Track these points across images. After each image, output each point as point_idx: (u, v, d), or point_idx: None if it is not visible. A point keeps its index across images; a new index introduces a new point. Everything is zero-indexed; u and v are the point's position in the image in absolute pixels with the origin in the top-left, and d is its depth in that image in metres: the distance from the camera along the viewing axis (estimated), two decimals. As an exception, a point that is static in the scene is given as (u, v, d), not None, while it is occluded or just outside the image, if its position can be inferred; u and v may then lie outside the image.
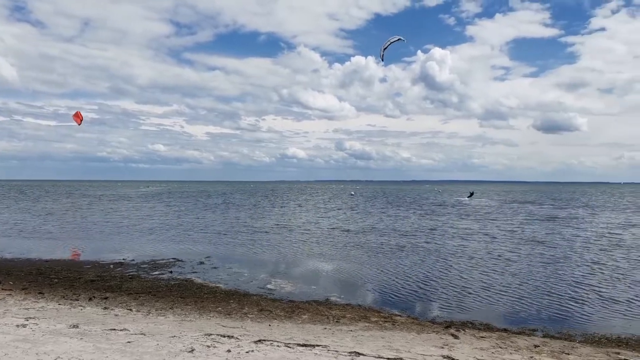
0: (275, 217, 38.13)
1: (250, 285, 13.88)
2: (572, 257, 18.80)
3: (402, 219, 36.02)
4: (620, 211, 46.26)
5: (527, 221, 34.68)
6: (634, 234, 26.44)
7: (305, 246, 21.73)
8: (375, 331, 9.27)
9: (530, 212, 44.92)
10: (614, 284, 14.12)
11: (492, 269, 16.34)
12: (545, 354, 7.96)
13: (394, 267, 16.77)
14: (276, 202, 61.85)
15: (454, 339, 8.85)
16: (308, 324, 9.83)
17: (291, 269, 16.62)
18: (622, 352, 8.36)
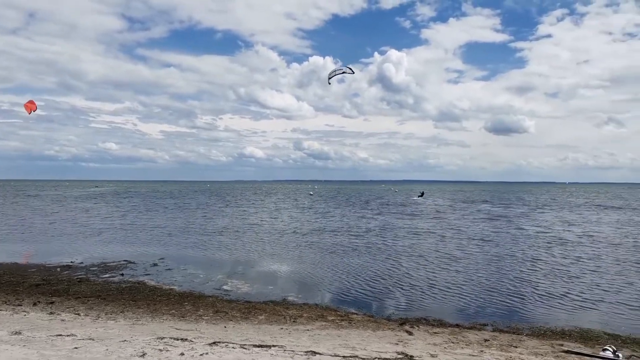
0: (232, 217, 37.64)
1: (206, 287, 13.63)
2: (518, 254, 19.60)
3: (358, 219, 36.41)
4: (562, 210, 48.65)
5: (476, 220, 35.88)
6: (572, 232, 27.86)
7: (262, 246, 21.57)
8: (332, 330, 9.32)
9: (479, 211, 46.51)
10: (557, 280, 14.81)
11: (443, 267, 16.78)
12: (494, 347, 8.25)
13: (350, 266, 16.91)
14: (233, 202, 61.06)
15: (408, 335, 9.03)
16: (265, 324, 9.76)
17: (248, 269, 16.45)
18: (565, 344, 8.78)
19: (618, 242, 22.97)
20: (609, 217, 39.23)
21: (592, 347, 8.57)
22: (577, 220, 35.51)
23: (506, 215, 40.18)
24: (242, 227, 29.98)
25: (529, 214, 42.02)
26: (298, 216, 39.20)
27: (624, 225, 31.96)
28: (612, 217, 38.58)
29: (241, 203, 60.09)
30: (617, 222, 33.94)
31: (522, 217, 39.11)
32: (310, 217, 38.50)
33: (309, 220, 35.42)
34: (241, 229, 28.84)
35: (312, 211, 45.51)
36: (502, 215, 40.93)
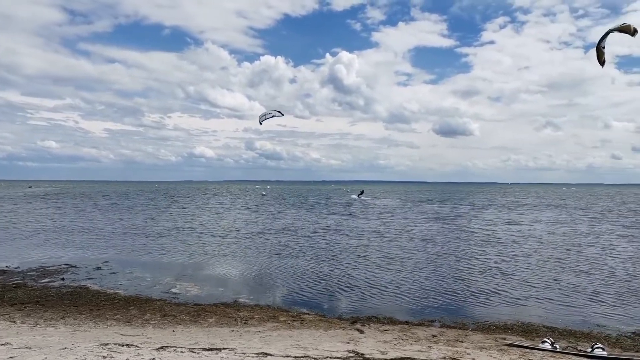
0: (181, 218, 36.71)
1: (153, 290, 13.21)
2: (462, 253, 20.30)
3: (308, 219, 36.49)
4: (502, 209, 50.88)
5: (422, 220, 36.87)
6: (510, 231, 29.21)
7: (212, 248, 21.16)
8: (283, 330, 9.27)
9: (425, 211, 47.82)
10: (499, 277, 15.45)
11: (393, 266, 17.11)
12: (442, 343, 8.49)
13: (302, 267, 16.91)
14: (182, 203, 59.54)
15: (359, 333, 9.12)
16: (215, 327, 9.57)
17: (198, 271, 16.08)
18: (507, 337, 9.17)
19: (550, 241, 24.26)
20: (544, 216, 41.39)
21: (532, 339, 9.00)
22: (515, 220, 37.22)
23: (450, 215, 41.53)
24: (192, 228, 29.30)
25: (472, 214, 43.64)
26: (249, 217, 38.79)
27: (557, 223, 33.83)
28: (547, 216, 40.73)
29: (191, 204, 58.71)
30: (551, 221, 35.88)
31: (465, 216, 40.55)
32: (261, 217, 38.19)
33: (261, 220, 35.13)
34: (191, 230, 28.18)
35: (263, 212, 45.15)
36: (446, 214, 42.28)
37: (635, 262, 17.91)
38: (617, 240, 24.42)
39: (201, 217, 38.37)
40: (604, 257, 18.86)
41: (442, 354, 7.47)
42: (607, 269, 16.51)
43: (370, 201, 68.49)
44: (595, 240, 24.28)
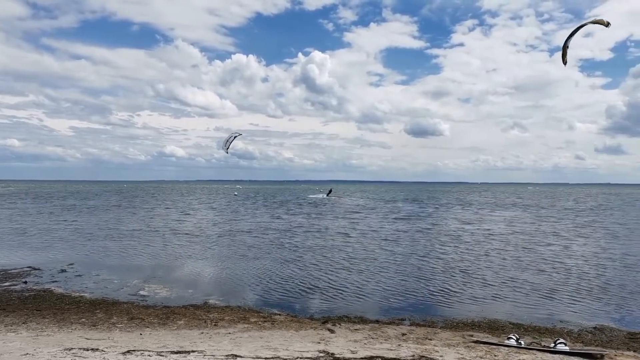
0: (150, 219, 36.03)
1: (120, 293, 12.92)
2: (431, 251, 20.64)
3: (280, 219, 36.39)
4: (470, 208, 51.98)
5: (393, 219, 37.30)
6: (478, 229, 29.89)
7: (182, 249, 20.84)
8: (254, 332, 9.21)
9: (397, 210, 48.40)
10: (467, 275, 15.77)
11: (364, 265, 17.23)
12: (411, 341, 8.60)
13: (274, 267, 16.85)
14: (152, 203, 58.43)
15: (330, 333, 9.15)
16: (184, 329, 9.43)
17: (167, 273, 15.81)
18: (475, 334, 9.37)
19: (512, 239, 24.92)
20: (507, 215, 42.49)
21: (499, 336, 9.22)
22: (480, 219, 38.08)
23: (418, 214, 42.16)
24: (161, 229, 28.79)
25: (440, 213, 44.41)
26: (220, 217, 38.40)
27: (519, 222, 34.80)
28: (510, 215, 41.82)
29: (160, 204, 57.69)
30: (514, 220, 36.87)
31: (433, 216, 41.24)
32: (232, 218, 37.86)
33: (231, 221, 34.82)
34: (159, 231, 27.69)
35: (234, 212, 44.78)
36: (415, 214, 42.91)
37: (591, 260, 18.59)
38: (575, 238, 25.27)
39: (170, 217, 37.75)
40: (564, 256, 19.50)
41: (411, 352, 7.57)
42: (566, 266, 17.07)
43: (341, 201, 68.84)
44: (555, 238, 25.07)
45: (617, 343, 9.02)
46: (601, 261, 18.15)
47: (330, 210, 47.81)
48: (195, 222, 33.90)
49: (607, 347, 8.69)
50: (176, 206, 53.50)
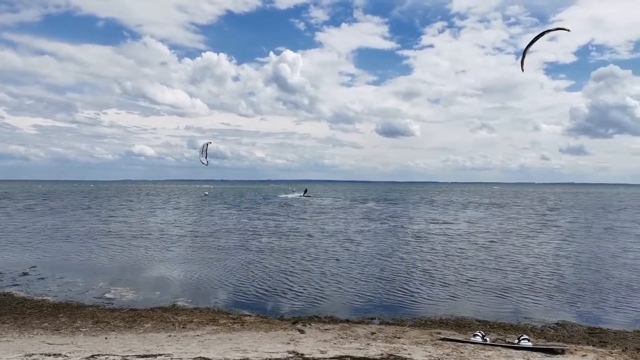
0: (117, 219, 35.19)
1: (85, 296, 12.58)
2: (401, 250, 20.91)
3: (250, 219, 36.16)
4: (439, 207, 52.92)
5: (361, 218, 37.61)
6: (445, 228, 30.47)
7: (149, 251, 20.44)
8: (223, 333, 9.12)
9: (365, 209, 48.84)
10: (436, 273, 16.04)
11: (334, 265, 17.30)
12: (380, 339, 8.69)
13: (243, 268, 16.72)
14: (119, 203, 57.06)
15: (300, 333, 9.15)
16: (151, 332, 9.25)
17: (134, 275, 15.48)
18: (442, 332, 9.54)
19: (478, 238, 25.50)
20: (476, 214, 43.46)
21: (465, 333, 9.41)
22: (447, 218, 38.82)
23: (388, 214, 42.64)
24: (128, 230, 28.17)
25: (409, 213, 45.03)
26: (188, 218, 37.84)
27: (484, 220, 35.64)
28: (476, 214, 42.79)
29: (128, 204, 56.43)
30: (484, 219, 37.74)
31: (403, 215, 41.78)
32: (202, 218, 37.38)
33: (201, 221, 34.38)
34: (126, 232, 27.09)
35: (204, 212, 44.21)
36: (384, 213, 43.38)
37: (553, 258, 19.22)
38: (537, 237, 26.07)
39: (138, 218, 36.97)
40: (527, 254, 20.08)
41: (380, 350, 7.65)
42: (529, 265, 17.58)
43: (312, 201, 68.95)
44: (518, 238, 25.80)
45: (577, 338, 9.33)
46: (562, 259, 18.77)
47: (301, 210, 47.79)
48: (163, 223, 33.30)
49: (568, 342, 8.98)
50: (144, 207, 52.44)
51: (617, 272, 16.14)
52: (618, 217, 40.28)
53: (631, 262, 18.03)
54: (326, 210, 47.20)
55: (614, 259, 18.64)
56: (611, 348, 8.49)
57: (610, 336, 9.39)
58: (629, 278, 15.17)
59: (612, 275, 15.63)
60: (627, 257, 19.20)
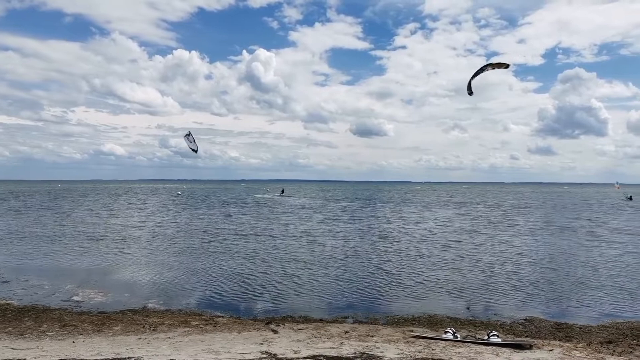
0: (85, 220, 34.31)
1: (52, 299, 12.22)
2: (374, 249, 21.09)
3: (222, 219, 35.85)
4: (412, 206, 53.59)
5: (334, 218, 37.76)
6: (415, 227, 30.89)
7: (118, 252, 20.00)
8: (195, 335, 9.00)
9: (338, 209, 49.06)
10: (408, 271, 16.23)
11: (308, 265, 17.30)
12: (353, 338, 8.73)
13: (216, 269, 16.55)
14: (87, 204, 55.62)
15: (273, 334, 9.11)
16: (120, 335, 9.06)
17: (103, 277, 15.12)
18: (415, 330, 9.65)
19: (451, 237, 25.95)
20: (449, 212, 44.19)
21: (437, 330, 9.55)
22: (421, 217, 39.36)
23: (361, 213, 42.94)
24: (97, 231, 27.51)
25: (384, 212, 45.45)
26: (160, 218, 37.20)
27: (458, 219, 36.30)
28: (449, 213, 43.53)
29: (97, 204, 55.10)
30: (454, 217, 38.41)
31: (377, 214, 42.13)
32: (174, 218, 36.82)
33: (173, 222, 33.85)
34: (96, 233, 26.44)
35: (175, 212, 43.55)
36: (357, 213, 43.67)
37: (521, 256, 19.73)
38: (505, 235, 26.70)
39: (107, 219, 36.14)
40: (496, 252, 20.56)
41: (353, 349, 7.69)
42: (499, 262, 18.01)
43: (287, 200, 68.82)
44: (488, 236, 26.37)
45: (544, 333, 9.59)
46: (529, 258, 19.27)
47: (274, 210, 47.61)
48: (133, 224, 32.65)
49: (535, 337, 9.22)
50: (113, 207, 51.32)
51: (581, 269, 16.67)
52: (581, 216, 41.58)
53: (594, 259, 18.65)
54: (299, 210, 47.16)
55: (578, 257, 19.24)
56: (576, 342, 8.75)
57: (576, 331, 9.68)
58: (592, 275, 15.68)
59: (577, 272, 16.12)
60: (590, 255, 19.85)
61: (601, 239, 24.72)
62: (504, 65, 11.42)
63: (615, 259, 18.66)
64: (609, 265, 17.19)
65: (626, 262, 17.92)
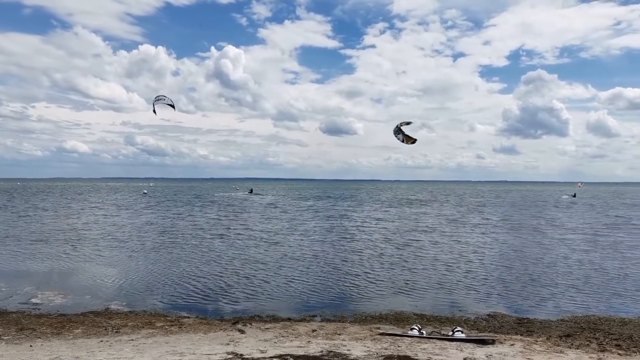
0: (46, 219, 33.16)
1: (9, 302, 11.75)
2: (343, 247, 21.23)
3: (189, 218, 35.34)
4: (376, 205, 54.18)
5: (303, 216, 37.82)
6: (380, 225, 31.25)
7: (80, 252, 19.40)
8: (159, 337, 8.81)
9: (307, 207, 49.16)
10: (377, 269, 16.38)
11: (276, 264, 17.24)
12: (320, 337, 8.73)
13: (182, 268, 16.28)
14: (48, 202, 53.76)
15: (240, 334, 9.02)
16: (81, 338, 8.77)
17: (63, 279, 14.63)
18: (382, 327, 9.73)
19: (417, 234, 26.37)
20: (415, 209, 44.88)
21: (403, 327, 9.65)
22: (388, 215, 39.83)
23: (329, 212, 43.12)
24: (58, 231, 26.64)
25: (352, 210, 45.77)
26: (125, 217, 36.34)
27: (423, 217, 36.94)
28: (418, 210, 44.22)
29: (58, 203, 53.34)
30: (420, 214, 39.05)
31: (345, 213, 42.40)
32: (139, 217, 36.03)
33: (138, 221, 33.12)
34: (56, 233, 25.60)
35: (141, 211, 42.63)
36: (325, 211, 43.84)
37: (485, 252, 20.24)
38: (470, 233, 27.32)
39: (69, 218, 35.05)
40: (460, 249, 21.02)
41: (320, 347, 7.69)
42: (464, 259, 18.43)
43: (256, 199, 68.41)
44: (452, 233, 26.93)
45: (507, 328, 9.84)
46: (493, 254, 19.79)
47: (242, 209, 47.23)
48: (96, 223, 31.76)
49: (498, 332, 9.45)
50: (76, 206, 49.80)
51: (540, 266, 17.21)
52: (543, 213, 42.95)
53: (554, 256, 19.29)
54: (268, 209, 46.94)
55: (539, 253, 19.86)
56: (537, 336, 9.01)
57: (536, 326, 9.98)
58: (550, 271, 16.21)
59: (536, 269, 16.63)
60: (550, 251, 20.52)
61: (555, 237, 25.58)
62: (411, 141, 11.70)
63: (569, 255, 19.32)
64: (564, 262, 17.80)
65: (579, 259, 18.57)
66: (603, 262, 17.55)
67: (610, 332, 9.14)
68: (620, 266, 16.84)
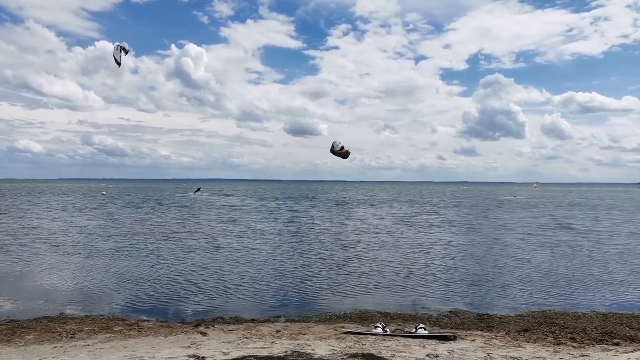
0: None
1: (-47, 309, 11.07)
2: (305, 248, 21.20)
3: (145, 219, 34.47)
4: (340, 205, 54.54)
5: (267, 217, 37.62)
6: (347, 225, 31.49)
7: (32, 256, 18.52)
8: (117, 341, 8.50)
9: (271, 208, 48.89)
10: (338, 269, 16.44)
11: (238, 264, 17.03)
12: (285, 337, 8.66)
13: (140, 271, 15.81)
14: None
15: (202, 336, 8.82)
16: (33, 345, 8.35)
17: (13, 284, 13.92)
18: (346, 326, 9.75)
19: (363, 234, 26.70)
20: (378, 210, 45.42)
21: (368, 325, 9.70)
22: (352, 215, 40.15)
23: (294, 212, 43.07)
24: (6, 234, 25.39)
25: (315, 211, 45.86)
26: (79, 219, 34.97)
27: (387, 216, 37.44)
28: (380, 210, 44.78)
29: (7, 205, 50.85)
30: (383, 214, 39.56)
31: (307, 213, 42.44)
32: (94, 219, 34.79)
33: (93, 223, 31.99)
34: (4, 236, 24.39)
35: (96, 213, 41.18)
36: (290, 211, 43.77)
37: (445, 251, 20.70)
38: (429, 231, 27.89)
39: (21, 220, 33.46)
40: (423, 248, 21.40)
41: (285, 348, 7.61)
42: (425, 257, 18.76)
43: (216, 199, 67.53)
44: (411, 232, 27.39)
45: (468, 324, 10.06)
46: (453, 252, 20.26)
47: (200, 210, 46.45)
48: (49, 226, 30.46)
49: (460, 328, 9.64)
50: (26, 208, 47.60)
51: (499, 262, 17.73)
52: (499, 212, 44.32)
53: (512, 253, 19.93)
54: (230, 210, 46.38)
55: (496, 251, 20.47)
56: (496, 332, 9.25)
57: (496, 321, 10.25)
58: (510, 268, 16.73)
59: (496, 265, 17.14)
60: (507, 248, 21.19)
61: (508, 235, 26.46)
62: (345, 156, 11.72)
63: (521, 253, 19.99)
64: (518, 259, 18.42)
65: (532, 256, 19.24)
66: (555, 261, 18.23)
67: (565, 326, 9.47)
68: (567, 265, 17.49)
